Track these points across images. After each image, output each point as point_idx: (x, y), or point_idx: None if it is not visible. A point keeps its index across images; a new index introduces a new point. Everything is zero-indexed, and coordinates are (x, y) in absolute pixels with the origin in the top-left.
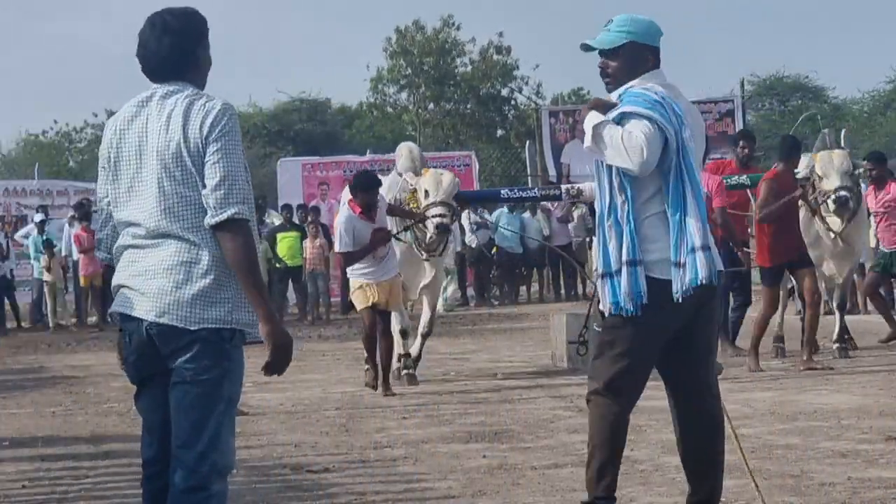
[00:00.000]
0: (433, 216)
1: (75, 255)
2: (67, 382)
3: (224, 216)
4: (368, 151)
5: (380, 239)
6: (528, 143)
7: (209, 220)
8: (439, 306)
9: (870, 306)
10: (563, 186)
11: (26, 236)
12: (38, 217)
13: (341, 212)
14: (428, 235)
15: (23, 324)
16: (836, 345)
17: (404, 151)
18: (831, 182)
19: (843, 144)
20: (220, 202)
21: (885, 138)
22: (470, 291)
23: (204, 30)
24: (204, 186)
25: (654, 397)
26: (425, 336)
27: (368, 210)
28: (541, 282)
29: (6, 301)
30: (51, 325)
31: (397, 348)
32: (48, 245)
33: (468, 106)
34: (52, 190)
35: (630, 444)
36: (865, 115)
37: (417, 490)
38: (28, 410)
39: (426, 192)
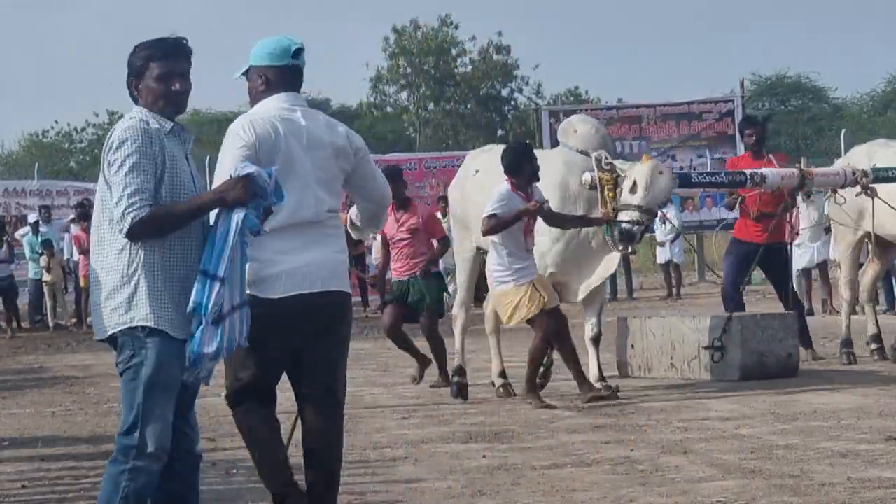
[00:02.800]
0: (625, 220)
1: (75, 256)
2: (67, 382)
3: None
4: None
5: (531, 210)
6: (527, 143)
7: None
8: None
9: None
10: (748, 172)
11: (24, 235)
12: (33, 217)
13: (500, 183)
14: (613, 236)
15: (22, 324)
16: None
17: (587, 128)
18: None
19: (842, 145)
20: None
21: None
22: None
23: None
24: None
25: (654, 398)
26: (596, 341)
27: (531, 181)
28: None
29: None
30: (50, 325)
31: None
32: (47, 245)
33: (468, 106)
34: (52, 190)
35: (629, 444)
36: (865, 116)
37: (417, 490)
38: (28, 410)
39: (634, 184)
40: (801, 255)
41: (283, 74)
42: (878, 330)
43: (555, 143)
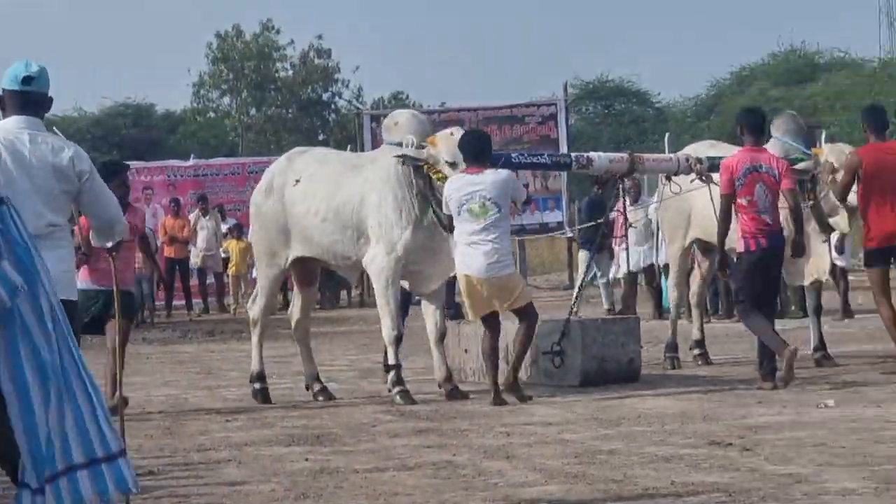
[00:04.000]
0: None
1: None
2: None
3: None
4: (192, 156)
5: None
6: (348, 147)
7: None
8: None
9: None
10: (573, 154)
11: None
12: None
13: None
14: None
15: None
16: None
17: (405, 117)
18: None
19: (666, 148)
20: None
21: None
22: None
23: None
24: None
25: (477, 402)
26: (442, 340)
27: None
28: (362, 286)
29: None
30: None
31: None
32: None
33: (290, 111)
34: None
35: (452, 448)
36: (689, 120)
37: (241, 493)
38: None
39: (448, 162)
40: (630, 257)
41: (16, 98)
42: (701, 336)
43: (376, 148)
